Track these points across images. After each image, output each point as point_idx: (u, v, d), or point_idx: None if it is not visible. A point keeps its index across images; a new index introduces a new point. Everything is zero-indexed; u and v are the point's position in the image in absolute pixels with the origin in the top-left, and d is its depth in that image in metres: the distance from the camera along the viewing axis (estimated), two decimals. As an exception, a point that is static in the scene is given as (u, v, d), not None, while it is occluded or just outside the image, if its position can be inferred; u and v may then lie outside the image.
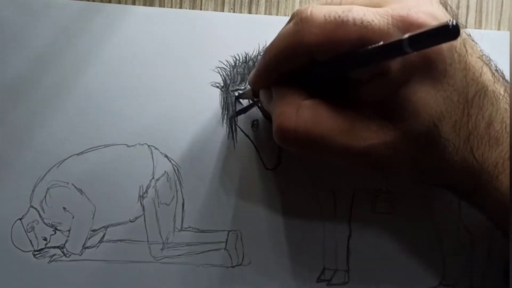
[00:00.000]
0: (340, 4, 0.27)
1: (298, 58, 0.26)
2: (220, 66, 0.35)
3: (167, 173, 0.34)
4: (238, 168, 0.34)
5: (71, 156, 0.34)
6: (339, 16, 0.24)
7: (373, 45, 0.23)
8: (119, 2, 0.35)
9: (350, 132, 0.25)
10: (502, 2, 0.36)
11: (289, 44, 0.26)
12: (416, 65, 0.24)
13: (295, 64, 0.27)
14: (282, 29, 0.28)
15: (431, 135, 0.25)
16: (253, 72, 0.30)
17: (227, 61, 0.35)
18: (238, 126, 0.35)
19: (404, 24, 0.23)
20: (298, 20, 0.26)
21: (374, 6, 0.25)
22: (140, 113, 0.34)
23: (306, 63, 0.26)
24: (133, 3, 0.35)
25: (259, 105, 0.34)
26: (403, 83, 0.24)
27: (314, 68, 0.26)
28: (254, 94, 0.32)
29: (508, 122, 0.26)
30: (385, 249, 0.35)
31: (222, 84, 0.35)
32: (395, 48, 0.22)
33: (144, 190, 0.34)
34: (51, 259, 0.34)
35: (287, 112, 0.26)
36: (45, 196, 0.34)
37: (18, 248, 0.34)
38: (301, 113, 0.26)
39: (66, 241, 0.34)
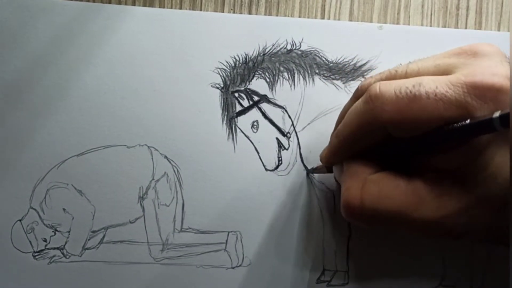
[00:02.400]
0: (406, 75, 0.26)
1: (373, 136, 0.26)
2: (220, 66, 0.35)
3: (167, 174, 0.34)
4: (238, 169, 0.34)
5: (71, 157, 0.34)
6: (410, 92, 0.24)
7: (460, 123, 0.22)
8: (119, 3, 0.35)
9: (419, 204, 0.25)
10: (502, 3, 0.36)
11: (363, 124, 0.26)
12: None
13: (369, 142, 0.27)
14: (350, 105, 0.28)
15: (506, 197, 0.24)
16: (325, 150, 0.30)
17: (227, 62, 0.35)
18: (238, 127, 0.35)
19: (480, 91, 0.22)
20: (368, 99, 0.25)
21: (443, 74, 0.24)
22: (140, 114, 0.34)
23: (380, 139, 0.26)
24: (133, 3, 0.35)
25: (259, 106, 0.34)
26: (483, 150, 0.24)
27: (391, 144, 0.26)
28: (327, 169, 0.32)
29: None
30: (385, 250, 0.35)
31: (222, 85, 0.35)
32: (484, 125, 0.21)
33: (144, 191, 0.34)
34: (51, 260, 0.34)
35: (353, 187, 0.26)
36: (44, 197, 0.34)
37: (18, 249, 0.34)
38: (367, 188, 0.26)
39: (66, 242, 0.34)
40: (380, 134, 0.26)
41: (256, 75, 0.35)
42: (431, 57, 0.27)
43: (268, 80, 0.35)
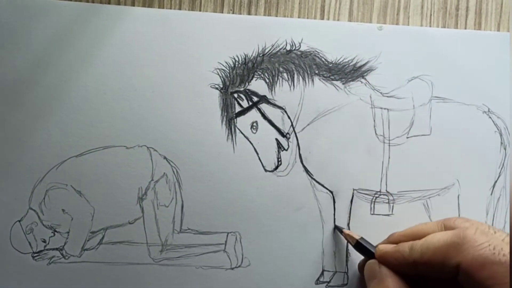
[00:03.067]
0: (503, 241, 0.25)
1: (442, 272, 0.26)
2: (219, 67, 0.35)
3: (166, 175, 0.34)
4: (237, 170, 0.34)
5: (70, 158, 0.34)
6: (503, 255, 0.23)
7: None
8: (118, 3, 0.35)
9: None
10: (502, 4, 0.36)
11: (441, 253, 0.25)
12: None
13: (434, 274, 0.26)
14: (432, 226, 0.28)
15: None
16: (390, 249, 0.29)
17: (226, 63, 0.35)
18: (237, 128, 0.35)
19: None
20: (460, 233, 0.25)
21: None
22: (139, 114, 0.34)
23: (447, 278, 0.25)
24: (132, 4, 0.35)
25: (259, 106, 0.34)
26: None
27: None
28: (366, 253, 0.31)
29: None
30: (384, 250, 0.35)
31: (221, 86, 0.35)
32: None
33: (143, 192, 0.34)
34: (50, 261, 0.34)
35: None
36: (44, 198, 0.34)
37: (17, 250, 0.34)
38: None
39: (65, 243, 0.34)
40: (449, 275, 0.25)
41: (255, 76, 0.35)
42: None
43: (267, 80, 0.35)
